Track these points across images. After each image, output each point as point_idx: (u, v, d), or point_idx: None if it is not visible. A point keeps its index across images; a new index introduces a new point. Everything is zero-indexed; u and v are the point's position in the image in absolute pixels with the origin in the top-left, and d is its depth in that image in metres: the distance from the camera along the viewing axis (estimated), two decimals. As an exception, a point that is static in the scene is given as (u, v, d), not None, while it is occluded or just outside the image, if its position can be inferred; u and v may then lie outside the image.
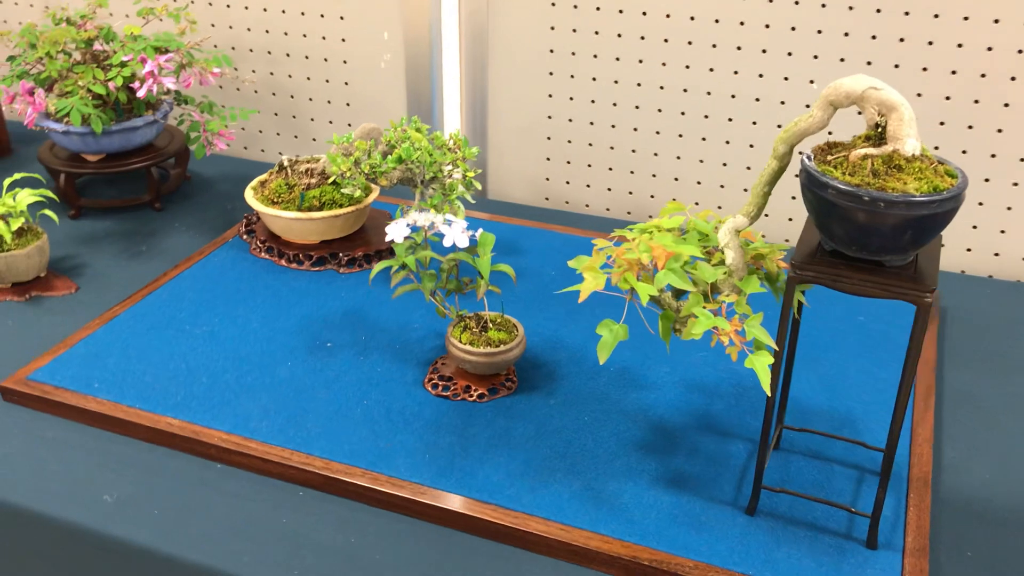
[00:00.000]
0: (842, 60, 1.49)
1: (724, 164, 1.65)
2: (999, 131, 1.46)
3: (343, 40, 1.76)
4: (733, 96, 1.59)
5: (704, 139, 1.64)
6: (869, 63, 1.48)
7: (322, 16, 1.75)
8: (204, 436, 1.10)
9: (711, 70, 1.58)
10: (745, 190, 1.66)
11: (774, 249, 0.98)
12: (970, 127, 1.47)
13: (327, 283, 1.43)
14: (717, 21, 1.54)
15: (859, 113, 1.39)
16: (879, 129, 0.86)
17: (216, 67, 1.61)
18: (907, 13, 1.43)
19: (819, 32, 1.49)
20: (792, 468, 1.07)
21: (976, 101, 1.45)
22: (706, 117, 1.62)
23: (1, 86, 1.56)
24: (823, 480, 1.05)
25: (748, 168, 1.63)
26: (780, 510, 1.01)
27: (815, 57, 1.51)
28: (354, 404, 1.16)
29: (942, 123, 1.48)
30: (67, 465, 1.09)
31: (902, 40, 1.45)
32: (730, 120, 1.61)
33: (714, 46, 1.56)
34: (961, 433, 1.15)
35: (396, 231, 1.16)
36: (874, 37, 1.46)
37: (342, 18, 1.74)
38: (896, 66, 1.47)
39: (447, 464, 1.06)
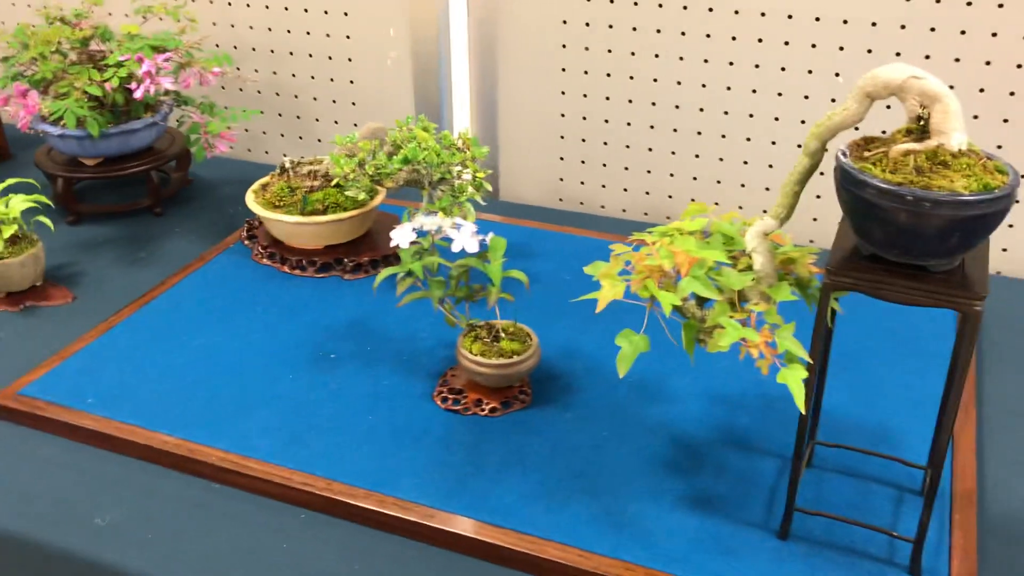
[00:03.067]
0: (869, 51, 1.42)
1: (745, 162, 1.58)
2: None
3: (348, 37, 1.70)
4: (754, 91, 1.52)
5: (724, 136, 1.58)
6: (898, 54, 1.41)
7: (326, 13, 1.69)
8: (200, 455, 1.04)
9: (731, 64, 1.51)
10: (767, 189, 1.59)
11: (805, 253, 0.92)
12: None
13: (332, 290, 1.37)
14: (737, 12, 1.47)
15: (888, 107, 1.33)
16: (921, 122, 0.80)
17: (216, 67, 1.55)
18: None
19: (844, 22, 1.42)
20: (826, 487, 1.00)
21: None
22: (726, 113, 1.56)
23: (-5, 88, 1.51)
24: (859, 500, 0.98)
25: (770, 166, 1.57)
26: (815, 533, 0.94)
27: (840, 48, 1.44)
28: (359, 420, 1.10)
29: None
30: (58, 486, 1.03)
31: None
32: (751, 116, 1.54)
33: (733, 38, 1.49)
34: (1005, 446, 1.08)
35: (402, 236, 1.09)
36: (903, 27, 1.39)
37: (346, 14, 1.68)
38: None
39: (457, 484, 1.00)
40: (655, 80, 1.57)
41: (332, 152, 1.33)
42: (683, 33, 1.52)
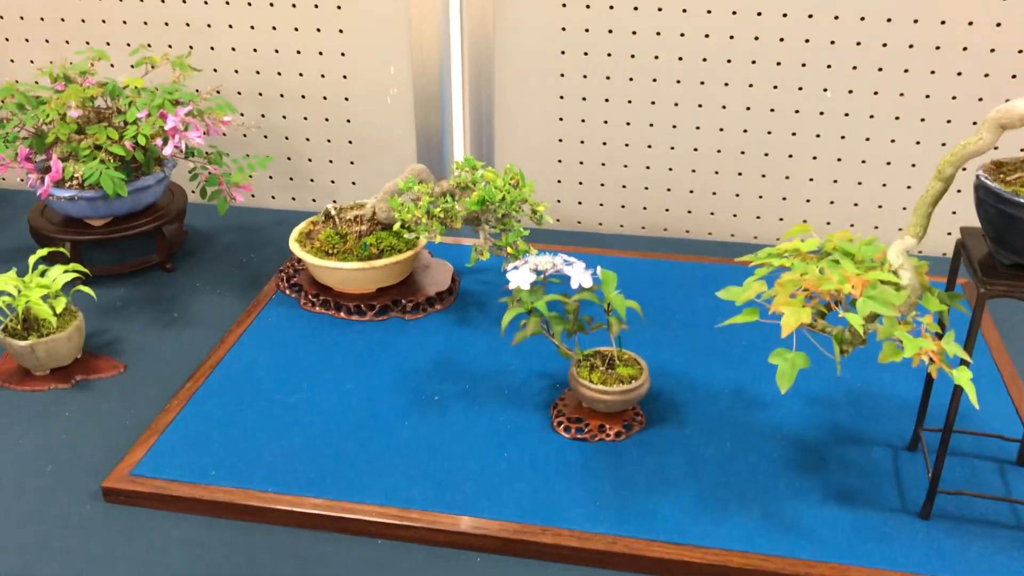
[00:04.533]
0: (856, 68, 1.56)
1: (739, 174, 1.70)
2: None
3: (344, 77, 1.70)
4: (748, 108, 1.64)
5: (719, 151, 1.69)
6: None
7: (320, 54, 1.68)
8: (360, 513, 1.05)
9: (726, 85, 1.62)
10: (760, 197, 1.71)
11: (923, 265, 1.02)
12: None
13: (398, 333, 1.38)
14: (732, 38, 1.58)
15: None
16: (1051, 147, 0.92)
17: (225, 115, 1.52)
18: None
19: (831, 42, 1.55)
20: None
21: None
22: (721, 130, 1.67)
23: (-5, 153, 1.42)
24: (968, 475, 1.11)
25: (763, 176, 1.69)
26: (948, 510, 1.05)
27: (828, 67, 1.57)
28: (495, 457, 1.13)
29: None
30: (222, 568, 1.01)
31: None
32: (745, 131, 1.66)
33: (729, 61, 1.60)
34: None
35: (521, 277, 1.13)
36: (886, 45, 1.54)
37: (343, 55, 1.68)
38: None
39: (621, 509, 1.05)
40: (652, 103, 1.66)
41: (392, 199, 1.34)
42: (680, 58, 1.61)
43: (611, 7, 1.58)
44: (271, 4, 1.65)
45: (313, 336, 1.37)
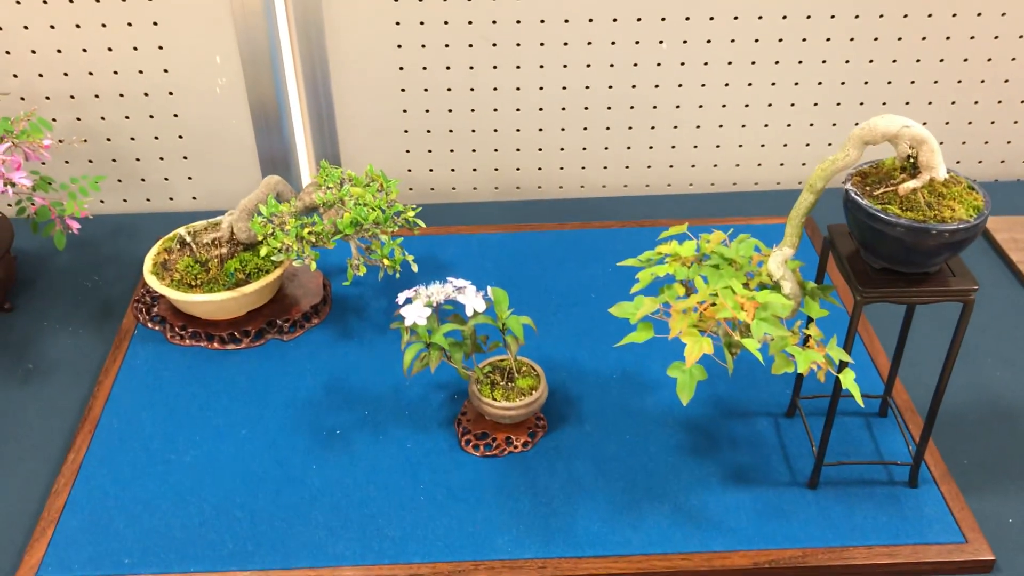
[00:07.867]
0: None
1: (585, 128, 1.72)
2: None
3: (165, 71, 1.57)
4: (588, 66, 1.64)
5: (564, 108, 1.69)
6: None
7: (135, 49, 1.54)
8: (293, 581, 1.05)
9: (565, 44, 1.61)
10: (606, 148, 1.74)
11: (795, 266, 1.09)
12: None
13: (280, 357, 1.34)
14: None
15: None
16: (910, 160, 0.98)
17: (44, 137, 1.38)
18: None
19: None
20: (815, 432, 1.22)
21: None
22: (564, 88, 1.67)
23: None
24: (842, 435, 1.22)
25: (608, 128, 1.71)
26: (831, 476, 1.16)
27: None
28: (413, 491, 1.14)
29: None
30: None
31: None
32: (587, 88, 1.67)
33: (566, 21, 1.59)
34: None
35: (416, 313, 1.12)
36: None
37: (161, 48, 1.55)
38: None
39: (544, 528, 1.10)
40: (495, 67, 1.64)
41: (255, 221, 1.28)
42: (518, 21, 1.59)
43: (446, -22, 1.53)
44: (71, 1, 1.49)
45: (191, 375, 1.31)
